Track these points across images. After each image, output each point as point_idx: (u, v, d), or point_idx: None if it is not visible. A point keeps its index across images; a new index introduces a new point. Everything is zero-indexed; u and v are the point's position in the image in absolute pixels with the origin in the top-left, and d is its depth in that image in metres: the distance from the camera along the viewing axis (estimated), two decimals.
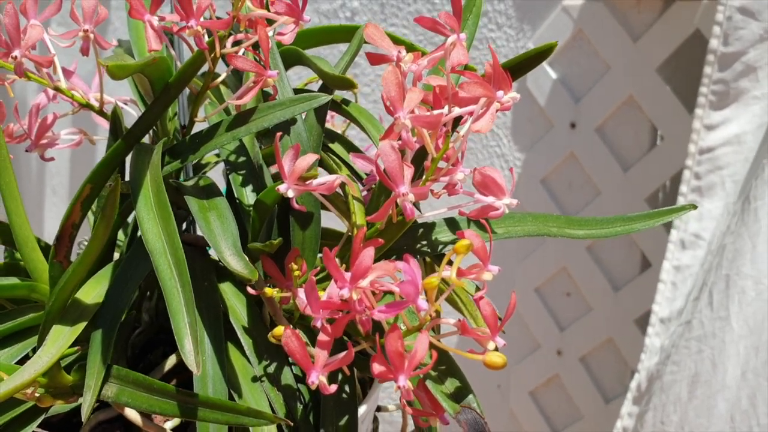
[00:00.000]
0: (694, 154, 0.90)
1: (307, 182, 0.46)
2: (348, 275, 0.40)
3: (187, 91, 0.56)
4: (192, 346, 0.40)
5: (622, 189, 1.08)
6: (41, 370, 0.44)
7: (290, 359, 0.53)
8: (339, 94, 0.62)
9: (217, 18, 0.51)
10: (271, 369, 0.50)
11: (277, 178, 0.60)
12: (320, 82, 0.70)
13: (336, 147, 0.61)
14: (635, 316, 1.13)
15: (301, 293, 0.46)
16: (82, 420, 0.44)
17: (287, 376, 0.51)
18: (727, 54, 0.86)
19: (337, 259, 0.48)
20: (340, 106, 0.61)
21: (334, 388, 0.42)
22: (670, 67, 1.03)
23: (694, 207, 0.51)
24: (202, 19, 0.47)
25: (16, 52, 0.49)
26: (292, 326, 0.47)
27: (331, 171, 0.57)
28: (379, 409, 0.65)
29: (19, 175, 1.39)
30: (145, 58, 0.47)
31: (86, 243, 0.67)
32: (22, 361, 0.52)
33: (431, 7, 1.12)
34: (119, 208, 0.53)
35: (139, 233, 0.63)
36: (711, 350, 0.85)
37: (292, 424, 0.45)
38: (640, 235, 1.10)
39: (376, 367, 0.40)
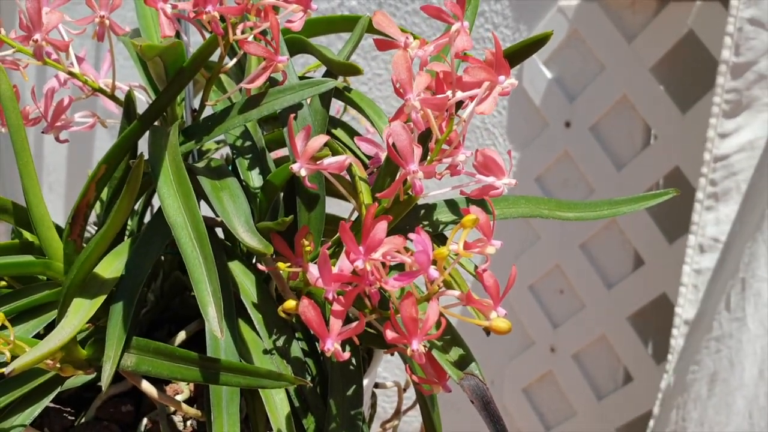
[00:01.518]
0: (709, 162, 0.94)
1: (318, 162, 0.50)
2: (361, 248, 0.43)
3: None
4: (216, 313, 0.43)
5: (616, 187, 1.12)
6: (66, 339, 0.47)
7: (297, 334, 0.56)
8: (340, 81, 0.65)
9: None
10: (280, 342, 0.54)
11: (279, 162, 0.64)
12: (320, 70, 0.74)
13: (338, 132, 0.65)
14: (628, 313, 1.16)
15: (312, 268, 0.50)
16: (103, 389, 0.47)
17: (295, 350, 0.54)
18: (739, 64, 0.90)
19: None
20: (342, 93, 0.64)
21: (347, 355, 0.45)
22: (663, 67, 1.08)
23: (677, 192, 0.55)
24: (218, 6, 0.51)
25: (37, 36, 0.53)
26: (298, 301, 0.50)
27: (335, 154, 0.60)
28: (377, 385, 0.68)
29: (16, 172, 1.41)
30: (167, 41, 0.50)
31: (93, 226, 0.71)
32: (36, 337, 0.55)
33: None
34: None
35: (147, 219, 0.66)
36: (729, 350, 0.90)
37: (311, 384, 0.48)
38: (633, 233, 1.14)
39: (389, 333, 0.43)
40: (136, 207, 0.67)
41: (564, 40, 1.11)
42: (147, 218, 0.67)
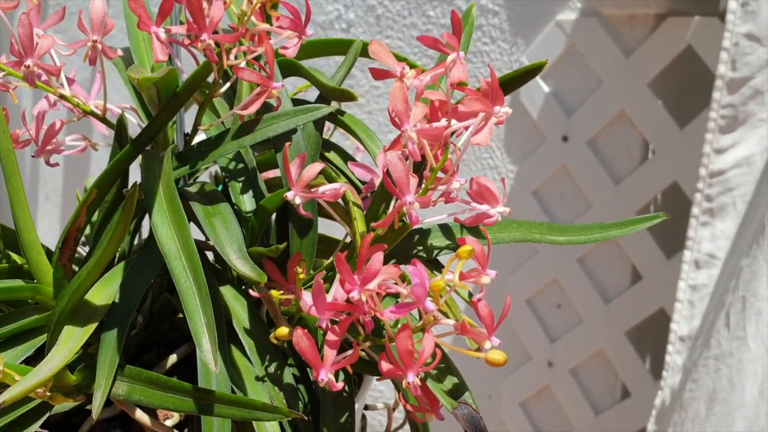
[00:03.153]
0: (705, 177, 0.95)
1: (313, 189, 0.50)
2: (356, 278, 0.44)
3: None
4: (210, 345, 0.44)
5: (614, 202, 1.13)
6: (56, 369, 0.47)
7: (289, 360, 0.57)
8: (333, 104, 0.66)
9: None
10: (272, 369, 0.54)
11: (271, 184, 0.64)
12: (309, 91, 0.74)
13: (332, 156, 0.65)
14: (626, 328, 1.17)
15: (305, 295, 0.50)
16: (93, 417, 0.48)
17: (287, 376, 0.54)
18: (735, 79, 0.91)
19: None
20: (335, 117, 0.65)
21: (341, 385, 0.45)
22: (661, 82, 1.08)
23: (667, 216, 0.55)
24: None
25: (29, 61, 0.53)
26: (291, 327, 0.51)
27: (329, 179, 0.61)
28: (366, 407, 0.69)
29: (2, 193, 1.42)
30: (162, 69, 0.50)
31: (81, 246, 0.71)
32: (25, 362, 0.55)
33: (426, 20, 1.17)
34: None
35: (136, 241, 0.67)
36: (728, 369, 0.91)
37: (306, 418, 0.49)
38: (631, 248, 1.15)
39: (384, 365, 0.44)
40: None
41: (562, 55, 1.11)
42: (137, 239, 0.67)
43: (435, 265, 0.57)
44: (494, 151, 1.20)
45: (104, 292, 0.53)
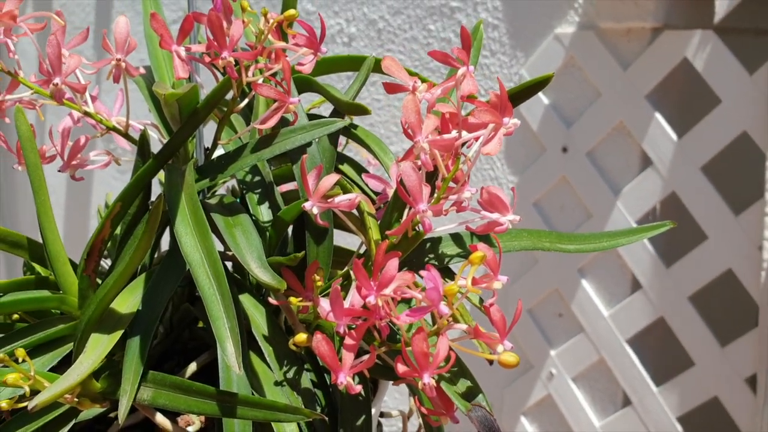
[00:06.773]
0: None
1: (329, 200, 0.52)
2: (373, 284, 0.46)
3: None
4: (234, 348, 0.46)
5: (613, 212, 1.15)
6: (85, 374, 0.49)
7: (307, 365, 0.58)
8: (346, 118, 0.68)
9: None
10: (290, 374, 0.56)
11: (288, 197, 0.67)
12: (322, 107, 0.77)
13: (345, 168, 0.68)
14: (626, 337, 1.19)
15: (323, 302, 0.52)
16: (120, 422, 0.50)
17: (305, 381, 0.56)
18: None
19: (352, 271, 0.55)
20: (348, 130, 0.67)
21: (359, 388, 0.47)
22: (659, 94, 1.11)
23: (674, 224, 0.57)
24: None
25: (57, 80, 0.55)
26: (309, 334, 0.53)
27: (344, 190, 0.63)
28: (382, 414, 0.71)
29: (17, 193, 1.44)
30: (185, 86, 0.53)
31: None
32: (53, 370, 0.57)
33: (427, 33, 1.20)
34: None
35: (155, 254, 0.69)
36: None
37: (326, 417, 0.50)
38: (630, 257, 1.17)
39: (401, 367, 0.46)
40: None
41: (561, 67, 1.14)
42: (156, 253, 0.69)
43: (447, 273, 0.59)
44: (495, 163, 1.23)
45: (128, 302, 0.55)
